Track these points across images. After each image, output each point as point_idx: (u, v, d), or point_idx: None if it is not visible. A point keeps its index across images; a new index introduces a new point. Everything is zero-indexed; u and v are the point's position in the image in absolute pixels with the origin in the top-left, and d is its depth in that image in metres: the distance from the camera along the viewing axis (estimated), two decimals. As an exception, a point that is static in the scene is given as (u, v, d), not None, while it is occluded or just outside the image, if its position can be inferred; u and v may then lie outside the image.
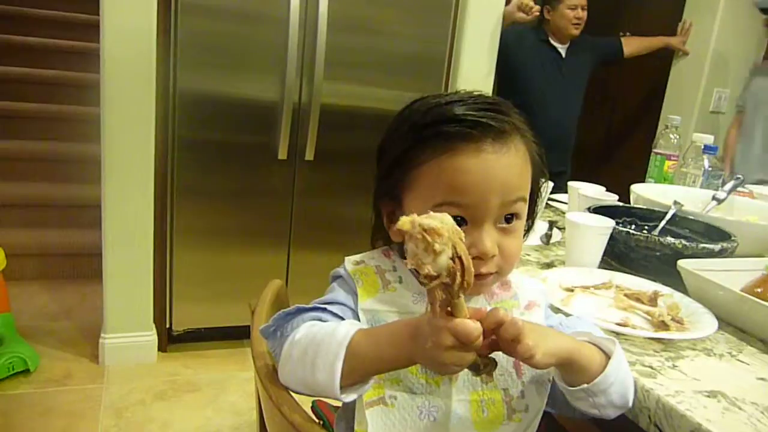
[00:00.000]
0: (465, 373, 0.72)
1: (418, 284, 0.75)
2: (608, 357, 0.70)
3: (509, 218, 0.72)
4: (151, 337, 2.32)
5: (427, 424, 0.72)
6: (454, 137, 0.70)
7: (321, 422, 1.06)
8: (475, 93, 0.75)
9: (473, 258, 0.67)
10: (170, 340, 2.42)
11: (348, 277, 0.77)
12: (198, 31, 2.11)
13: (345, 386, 0.65)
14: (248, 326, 0.87)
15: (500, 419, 0.74)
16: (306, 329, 0.69)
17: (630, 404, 0.74)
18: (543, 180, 0.79)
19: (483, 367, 0.64)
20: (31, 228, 3.02)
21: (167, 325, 2.37)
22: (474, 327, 0.58)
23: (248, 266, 2.39)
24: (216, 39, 2.14)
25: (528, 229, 0.81)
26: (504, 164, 0.70)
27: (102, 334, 2.26)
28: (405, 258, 0.58)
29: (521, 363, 0.74)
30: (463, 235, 0.58)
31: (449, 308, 0.59)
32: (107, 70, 2.03)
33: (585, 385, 0.68)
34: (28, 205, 3.07)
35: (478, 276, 0.69)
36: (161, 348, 2.37)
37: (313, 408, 1.09)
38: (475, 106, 0.72)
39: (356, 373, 0.65)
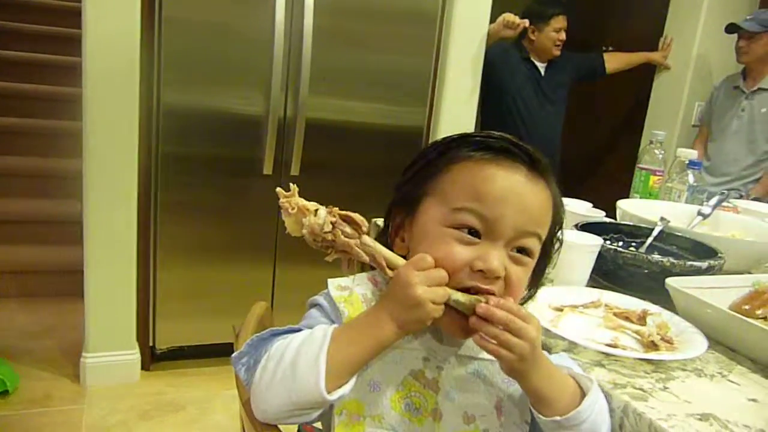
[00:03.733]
0: (449, 414, 0.72)
1: None
2: (584, 394, 0.71)
3: (520, 250, 0.72)
4: (134, 355, 2.28)
5: None
6: (496, 149, 0.72)
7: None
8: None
9: (477, 271, 0.68)
10: (153, 358, 2.38)
11: (331, 305, 0.74)
12: (182, 44, 2.09)
13: (331, 389, 0.63)
14: (233, 344, 0.86)
15: None
16: (279, 342, 0.68)
17: None
18: (557, 242, 0.80)
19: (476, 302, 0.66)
20: (10, 244, 2.96)
21: (150, 344, 2.33)
22: (424, 255, 0.67)
23: (233, 282, 2.36)
24: (200, 53, 2.12)
25: (530, 295, 0.83)
26: (532, 192, 0.71)
27: (83, 353, 2.21)
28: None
29: (502, 405, 0.74)
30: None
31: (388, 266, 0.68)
32: (90, 85, 2.01)
33: (557, 418, 0.69)
34: (7, 221, 3.01)
35: (481, 292, 0.68)
36: (144, 367, 2.33)
37: (299, 432, 1.06)
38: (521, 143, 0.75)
39: (341, 367, 0.64)
